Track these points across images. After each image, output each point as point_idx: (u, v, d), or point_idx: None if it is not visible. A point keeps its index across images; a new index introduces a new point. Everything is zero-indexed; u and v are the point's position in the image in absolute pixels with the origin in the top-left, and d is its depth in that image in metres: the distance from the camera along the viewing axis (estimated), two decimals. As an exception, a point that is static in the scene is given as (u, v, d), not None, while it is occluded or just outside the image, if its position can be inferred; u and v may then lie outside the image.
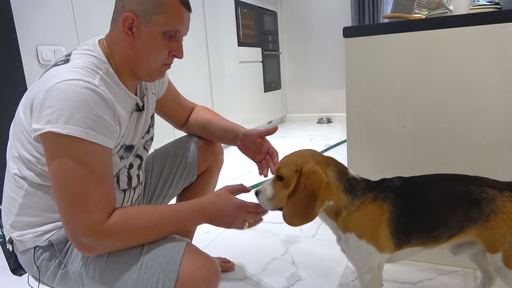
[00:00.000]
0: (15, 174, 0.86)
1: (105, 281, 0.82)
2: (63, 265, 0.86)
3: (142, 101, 0.99)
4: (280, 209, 0.90)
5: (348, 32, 1.25)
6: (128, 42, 0.87)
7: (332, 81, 4.53)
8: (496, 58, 1.10)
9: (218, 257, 1.41)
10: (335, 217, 0.89)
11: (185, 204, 0.90)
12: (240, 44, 3.63)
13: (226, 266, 1.38)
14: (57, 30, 1.90)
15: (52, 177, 0.78)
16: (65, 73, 0.79)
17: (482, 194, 0.84)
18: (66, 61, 0.84)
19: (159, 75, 0.94)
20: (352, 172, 0.91)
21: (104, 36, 0.92)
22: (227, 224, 0.92)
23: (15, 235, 0.87)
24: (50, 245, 0.87)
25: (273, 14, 4.38)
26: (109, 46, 0.89)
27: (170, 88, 1.18)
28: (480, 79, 1.13)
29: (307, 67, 4.63)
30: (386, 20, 1.83)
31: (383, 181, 0.91)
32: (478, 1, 1.76)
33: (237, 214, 0.90)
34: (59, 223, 0.87)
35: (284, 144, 3.51)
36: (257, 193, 0.92)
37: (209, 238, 1.66)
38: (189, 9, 0.91)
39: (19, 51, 1.74)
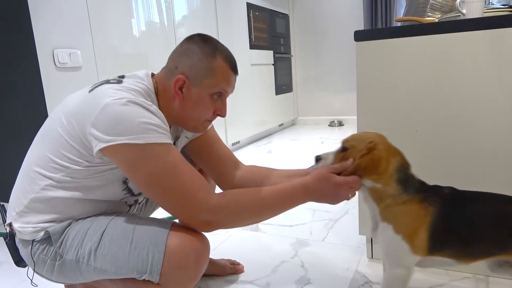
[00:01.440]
0: (36, 171, 0.90)
1: (99, 261, 0.86)
2: (59, 255, 0.90)
3: (175, 142, 1.05)
4: None
5: (359, 36, 1.25)
6: (177, 101, 0.94)
7: (344, 84, 4.51)
8: (511, 62, 1.08)
9: (227, 259, 1.42)
10: (379, 201, 0.90)
11: (289, 184, 0.93)
12: (252, 46, 3.64)
13: (235, 268, 1.38)
14: (73, 34, 1.94)
15: (143, 182, 0.84)
16: (120, 93, 0.84)
17: None
18: (119, 81, 0.90)
19: (202, 129, 1.02)
20: (413, 171, 0.93)
21: (155, 72, 0.98)
22: (333, 201, 0.94)
23: (17, 225, 0.91)
24: (46, 238, 0.90)
25: (285, 17, 4.39)
26: (157, 88, 0.95)
27: (210, 132, 1.17)
28: (495, 84, 1.11)
29: (319, 70, 4.62)
30: (399, 24, 1.82)
31: (436, 186, 0.92)
32: (493, 4, 1.74)
33: (341, 192, 0.91)
34: (57, 222, 0.91)
35: (295, 147, 3.51)
36: (317, 159, 0.96)
37: (219, 240, 1.67)
38: (236, 73, 0.98)
39: (36, 54, 1.78)
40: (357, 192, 0.97)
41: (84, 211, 0.93)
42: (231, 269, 1.37)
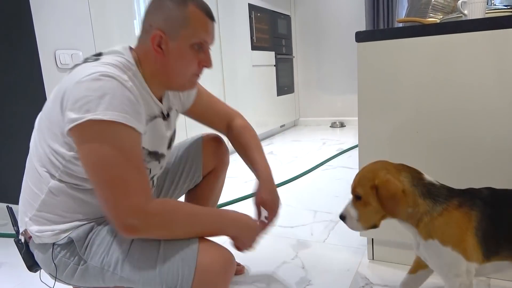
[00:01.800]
0: (40, 170, 0.89)
1: (127, 272, 0.85)
2: (83, 261, 0.88)
3: (169, 112, 1.03)
4: (373, 226, 0.91)
5: (361, 37, 1.25)
6: (159, 59, 0.91)
7: (346, 85, 4.51)
8: (512, 63, 1.08)
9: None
10: (416, 223, 0.88)
11: (224, 212, 0.96)
12: (254, 48, 3.64)
13: (236, 269, 1.38)
14: (75, 35, 1.95)
15: (89, 164, 0.80)
16: (95, 67, 0.82)
17: None
18: (96, 59, 0.87)
19: (190, 85, 0.98)
20: (429, 177, 0.90)
21: (134, 47, 0.95)
22: (250, 240, 0.99)
23: (33, 229, 0.89)
24: (69, 243, 0.89)
25: (287, 18, 4.39)
26: (139, 57, 0.93)
27: (201, 96, 1.18)
28: (496, 85, 1.11)
29: (321, 71, 4.62)
30: (401, 24, 1.82)
31: (470, 189, 0.89)
32: (495, 4, 1.74)
33: (258, 230, 1.01)
34: (77, 223, 0.89)
35: (297, 148, 3.50)
36: (343, 218, 0.94)
37: (220, 241, 1.66)
38: (212, 19, 0.95)
39: (38, 55, 1.78)
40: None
41: (96, 204, 0.90)
42: (232, 270, 1.37)
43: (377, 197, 0.86)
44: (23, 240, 0.93)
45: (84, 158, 0.80)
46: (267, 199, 1.10)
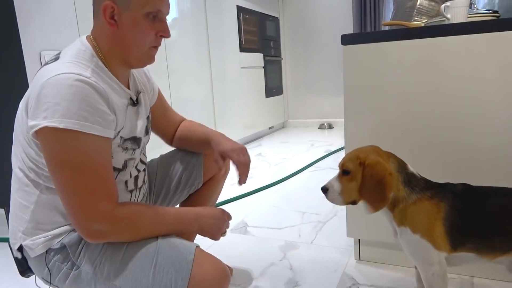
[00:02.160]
0: (24, 180, 0.87)
1: (119, 280, 0.84)
2: (76, 266, 0.87)
3: (138, 97, 1.00)
4: (351, 202, 0.95)
5: (346, 40, 1.27)
6: (113, 31, 0.87)
7: (334, 87, 4.54)
8: (494, 65, 1.11)
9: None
10: (392, 208, 0.93)
11: (183, 209, 0.96)
12: (242, 49, 3.65)
13: (223, 271, 1.38)
14: (60, 35, 1.92)
15: (52, 170, 0.79)
16: (56, 69, 0.79)
17: None
18: (56, 58, 0.85)
19: (149, 59, 0.94)
20: (412, 168, 0.95)
21: (88, 34, 0.93)
22: (216, 228, 0.99)
23: (27, 242, 0.88)
24: (62, 248, 0.87)
25: (275, 20, 4.40)
26: (95, 39, 0.89)
27: (160, 98, 1.17)
28: (478, 87, 1.13)
29: (309, 73, 4.65)
30: (387, 28, 1.84)
31: (447, 184, 0.94)
32: (477, 9, 1.77)
33: (224, 216, 1.01)
34: (69, 227, 0.88)
35: (285, 149, 3.52)
36: (325, 190, 0.97)
37: (208, 242, 1.66)
38: None
39: (23, 55, 1.76)
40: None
41: None
42: (220, 272, 1.36)
43: (363, 174, 0.91)
44: (20, 257, 0.91)
45: (48, 165, 0.80)
46: (230, 148, 1.09)
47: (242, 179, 1.11)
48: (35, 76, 0.85)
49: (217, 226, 0.99)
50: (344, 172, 0.95)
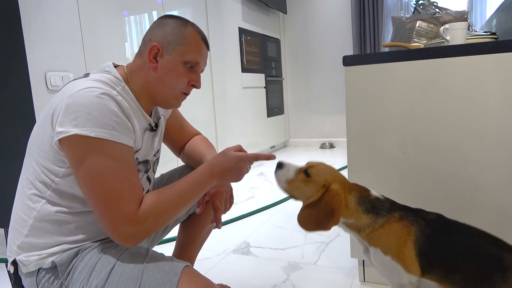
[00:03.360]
0: (28, 194, 0.88)
1: None
2: (64, 287, 0.87)
3: (157, 123, 1.05)
4: (291, 196, 0.98)
5: (348, 61, 1.29)
6: (152, 69, 0.94)
7: (335, 106, 4.57)
8: (493, 87, 1.12)
9: (219, 284, 1.40)
10: (358, 231, 0.93)
11: (194, 172, 0.96)
12: (244, 70, 3.70)
13: (226, 292, 1.36)
14: (66, 56, 1.96)
15: (82, 178, 0.82)
16: (84, 84, 0.84)
17: None
18: (86, 76, 0.90)
19: (176, 103, 1.01)
20: (376, 193, 0.96)
21: (123, 64, 0.99)
22: (236, 177, 0.98)
23: (21, 256, 0.88)
24: (53, 267, 0.87)
25: (276, 41, 4.48)
26: (129, 73, 0.96)
27: (175, 112, 1.21)
28: (478, 107, 1.15)
29: (310, 93, 4.69)
30: (386, 49, 1.87)
31: (418, 210, 0.94)
32: (476, 31, 1.81)
33: (242, 165, 0.96)
34: (65, 246, 0.88)
35: (286, 168, 3.51)
36: (279, 166, 0.98)
37: (210, 264, 1.64)
38: (208, 47, 1.01)
39: (29, 76, 1.78)
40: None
41: (85, 226, 0.90)
42: (222, 294, 1.34)
43: (320, 194, 0.91)
44: (12, 271, 0.92)
45: (76, 174, 0.82)
46: (213, 191, 1.08)
47: (217, 225, 1.10)
48: (62, 88, 0.88)
49: (236, 171, 0.97)
50: (306, 173, 0.95)
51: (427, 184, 1.23)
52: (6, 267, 0.93)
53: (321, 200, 0.91)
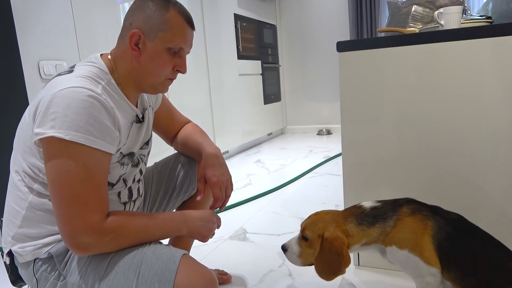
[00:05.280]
0: (19, 185, 0.88)
1: None
2: (62, 276, 0.88)
3: (143, 114, 1.03)
4: (309, 265, 0.97)
5: (342, 47, 1.28)
6: (134, 56, 0.92)
7: (332, 93, 4.56)
8: (488, 70, 1.12)
9: (215, 269, 1.42)
10: (375, 243, 0.93)
11: (172, 216, 0.95)
12: (240, 57, 3.67)
13: (223, 278, 1.38)
14: (59, 45, 1.94)
15: (51, 178, 0.80)
16: (68, 81, 0.82)
17: None
18: (70, 71, 0.88)
19: (163, 89, 0.99)
20: (368, 203, 0.95)
21: (108, 52, 0.96)
22: (205, 230, 0.97)
23: (16, 247, 0.89)
24: (49, 257, 0.88)
25: (273, 27, 4.44)
26: (114, 60, 0.94)
27: (164, 102, 1.20)
28: (473, 91, 1.15)
29: (307, 79, 4.67)
30: (382, 34, 1.86)
31: (437, 207, 0.93)
32: (471, 15, 1.79)
33: (213, 218, 0.99)
34: (59, 236, 0.88)
35: (284, 156, 3.52)
36: (284, 250, 0.99)
37: (207, 250, 1.66)
38: (193, 27, 0.97)
39: (21, 65, 1.77)
40: None
41: None
42: (219, 279, 1.36)
43: (321, 247, 0.92)
44: (8, 262, 0.92)
45: (47, 173, 0.81)
46: (215, 180, 1.07)
47: (213, 207, 1.09)
48: (46, 84, 0.87)
49: (206, 228, 0.98)
50: (304, 238, 0.96)
51: (420, 169, 1.24)
52: (2, 258, 0.94)
53: (323, 250, 0.91)
